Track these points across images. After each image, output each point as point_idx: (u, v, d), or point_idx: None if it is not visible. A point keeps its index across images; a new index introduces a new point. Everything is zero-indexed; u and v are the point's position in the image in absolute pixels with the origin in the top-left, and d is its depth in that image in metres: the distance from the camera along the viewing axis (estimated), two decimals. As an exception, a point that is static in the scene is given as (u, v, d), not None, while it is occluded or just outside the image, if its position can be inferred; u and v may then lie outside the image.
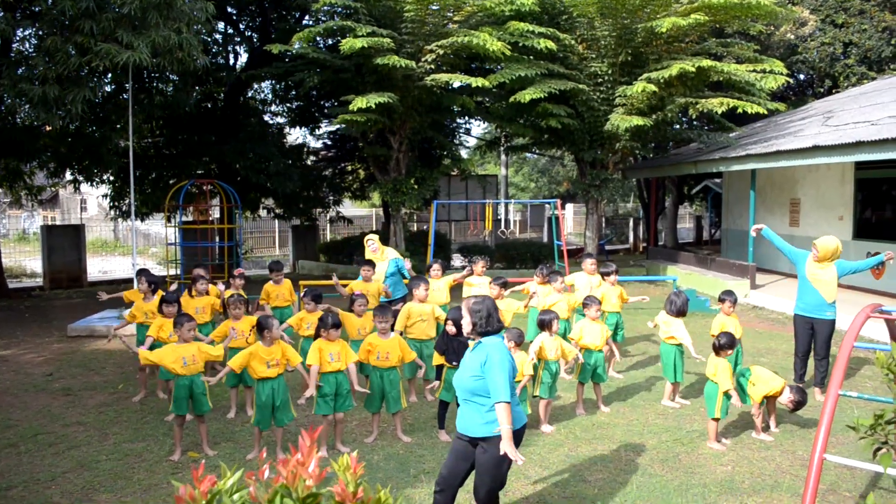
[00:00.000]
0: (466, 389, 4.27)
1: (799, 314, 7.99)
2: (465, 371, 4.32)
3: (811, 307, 7.81)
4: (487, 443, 4.20)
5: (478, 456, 4.29)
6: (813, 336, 7.88)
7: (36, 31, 12.31)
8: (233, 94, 18.98)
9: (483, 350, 4.27)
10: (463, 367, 4.37)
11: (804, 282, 7.87)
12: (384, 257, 9.37)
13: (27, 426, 7.01)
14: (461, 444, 4.35)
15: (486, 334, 4.33)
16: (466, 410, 4.30)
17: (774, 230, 16.75)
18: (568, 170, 38.63)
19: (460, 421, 4.34)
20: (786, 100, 22.96)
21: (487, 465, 4.22)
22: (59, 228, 19.66)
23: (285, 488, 1.49)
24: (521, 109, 15.98)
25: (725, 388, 6.26)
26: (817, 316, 7.79)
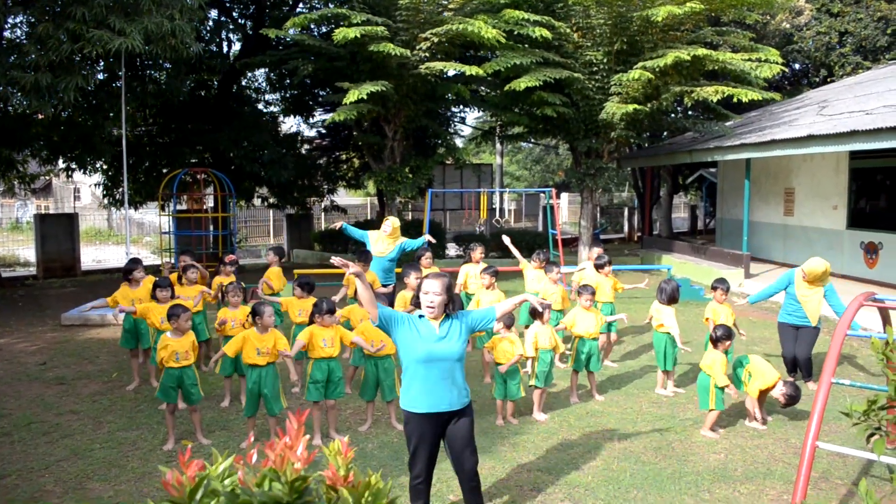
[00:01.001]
0: (456, 358, 4.31)
1: (783, 322, 8.05)
2: (452, 343, 4.32)
3: (796, 318, 7.92)
4: (465, 414, 4.37)
5: (458, 430, 4.35)
6: (797, 338, 7.93)
7: (27, 18, 12.22)
8: (226, 82, 18.88)
9: (457, 319, 4.41)
10: (446, 342, 4.32)
11: (791, 298, 7.93)
12: (393, 241, 9.29)
13: (21, 415, 6.99)
14: (433, 426, 4.32)
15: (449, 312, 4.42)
16: (447, 385, 4.28)
17: (769, 219, 16.92)
18: (562, 159, 38.61)
19: (435, 400, 4.27)
20: (781, 89, 22.95)
21: (469, 434, 4.39)
22: (52, 217, 19.57)
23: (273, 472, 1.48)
24: (515, 98, 15.94)
25: (722, 384, 6.27)
26: (802, 323, 7.85)
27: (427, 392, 4.26)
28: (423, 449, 4.32)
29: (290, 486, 1.43)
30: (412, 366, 4.30)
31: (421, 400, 4.27)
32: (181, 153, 17.65)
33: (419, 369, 4.27)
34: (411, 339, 4.30)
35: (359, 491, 1.51)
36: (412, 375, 4.31)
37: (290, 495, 1.41)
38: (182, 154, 17.65)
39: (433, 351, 4.26)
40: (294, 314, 7.76)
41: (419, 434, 4.31)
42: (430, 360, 4.26)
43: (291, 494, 1.42)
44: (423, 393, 4.27)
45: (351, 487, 1.52)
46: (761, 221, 17.25)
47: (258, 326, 6.06)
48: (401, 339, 4.34)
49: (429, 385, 4.26)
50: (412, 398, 4.30)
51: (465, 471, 4.41)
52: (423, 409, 4.27)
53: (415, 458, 4.35)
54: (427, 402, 4.26)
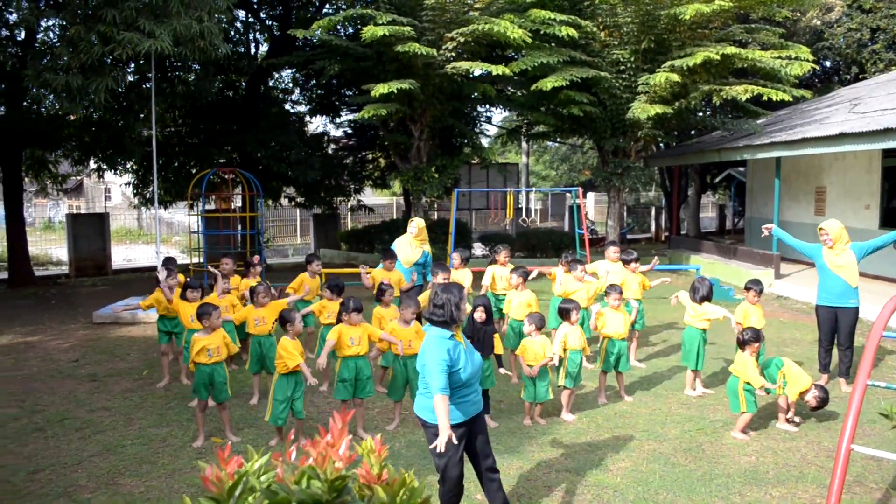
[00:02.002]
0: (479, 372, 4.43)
1: (821, 305, 7.90)
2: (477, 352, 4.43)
3: (834, 296, 7.72)
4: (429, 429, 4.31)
5: (480, 431, 4.44)
6: (837, 326, 7.79)
7: (59, 21, 12.40)
8: (254, 82, 19.04)
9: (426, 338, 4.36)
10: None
11: (824, 272, 7.79)
12: (421, 246, 9.31)
13: (54, 411, 7.10)
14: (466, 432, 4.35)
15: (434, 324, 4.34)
16: (476, 395, 4.39)
17: (799, 219, 16.68)
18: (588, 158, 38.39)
19: (472, 405, 4.35)
20: (811, 87, 22.61)
21: (485, 425, 4.50)
22: (83, 217, 19.85)
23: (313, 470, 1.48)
24: (542, 97, 15.88)
25: (758, 385, 6.20)
26: (841, 305, 7.70)
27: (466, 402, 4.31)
28: (456, 458, 4.28)
29: (329, 484, 1.43)
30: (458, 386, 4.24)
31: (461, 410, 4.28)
32: (209, 153, 17.83)
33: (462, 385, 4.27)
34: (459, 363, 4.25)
35: (394, 489, 1.51)
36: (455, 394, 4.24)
37: (330, 494, 1.42)
38: (210, 154, 17.82)
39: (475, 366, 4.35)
40: (323, 316, 7.79)
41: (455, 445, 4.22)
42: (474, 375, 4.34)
43: (331, 493, 1.42)
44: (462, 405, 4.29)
45: (385, 485, 1.52)
46: (792, 221, 17.02)
47: (289, 333, 6.09)
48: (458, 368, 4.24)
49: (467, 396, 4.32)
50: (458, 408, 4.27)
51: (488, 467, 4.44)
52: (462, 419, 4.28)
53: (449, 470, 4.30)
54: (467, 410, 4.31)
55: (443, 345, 4.22)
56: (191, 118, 18.47)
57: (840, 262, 7.64)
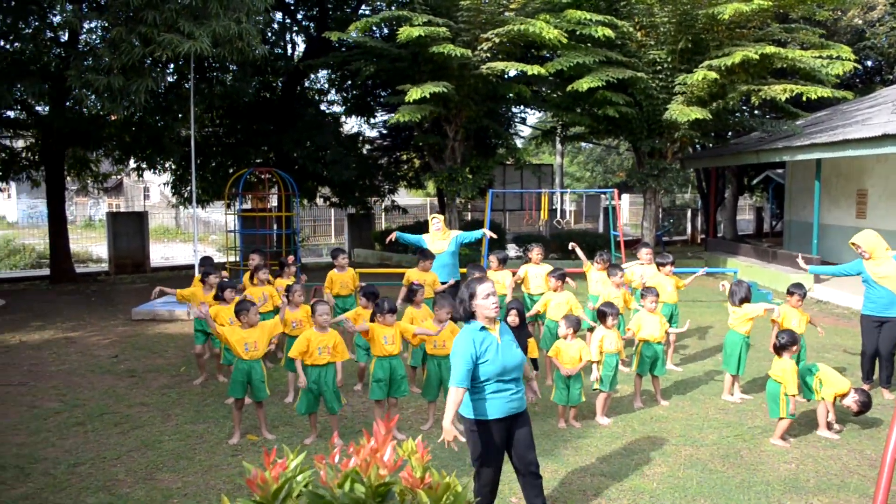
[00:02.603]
0: (519, 369, 4.40)
1: (866, 314, 7.75)
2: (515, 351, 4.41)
3: (881, 307, 7.56)
4: (525, 412, 4.42)
5: (522, 432, 4.41)
6: (880, 335, 7.62)
7: (102, 23, 12.62)
8: (290, 83, 19.20)
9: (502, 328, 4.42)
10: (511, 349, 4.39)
11: (869, 283, 7.65)
12: (446, 236, 9.36)
13: (94, 406, 7.23)
14: (503, 430, 4.36)
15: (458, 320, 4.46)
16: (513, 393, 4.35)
17: (840, 222, 16.38)
18: (623, 159, 38.08)
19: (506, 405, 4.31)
20: (852, 87, 22.15)
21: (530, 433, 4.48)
22: (123, 215, 20.22)
23: (356, 473, 1.48)
24: (577, 98, 15.77)
25: (791, 392, 6.09)
26: (887, 315, 7.54)
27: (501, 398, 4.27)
28: (493, 455, 4.29)
29: (373, 490, 1.42)
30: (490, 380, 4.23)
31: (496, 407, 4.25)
32: (246, 153, 18.02)
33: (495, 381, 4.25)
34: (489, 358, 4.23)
35: (437, 493, 1.50)
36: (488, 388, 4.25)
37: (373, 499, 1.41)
38: (247, 154, 18.01)
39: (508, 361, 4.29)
40: (359, 324, 7.79)
41: (488, 441, 4.27)
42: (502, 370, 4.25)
43: (374, 498, 1.41)
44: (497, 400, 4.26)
45: (428, 489, 1.51)
46: (832, 224, 16.69)
47: (316, 326, 6.13)
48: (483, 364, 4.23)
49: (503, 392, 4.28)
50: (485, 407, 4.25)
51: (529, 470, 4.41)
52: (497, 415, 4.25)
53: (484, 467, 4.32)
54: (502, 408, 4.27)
55: (469, 336, 4.23)
56: (228, 118, 18.68)
57: (882, 272, 7.49)
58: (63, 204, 16.68)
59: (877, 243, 7.55)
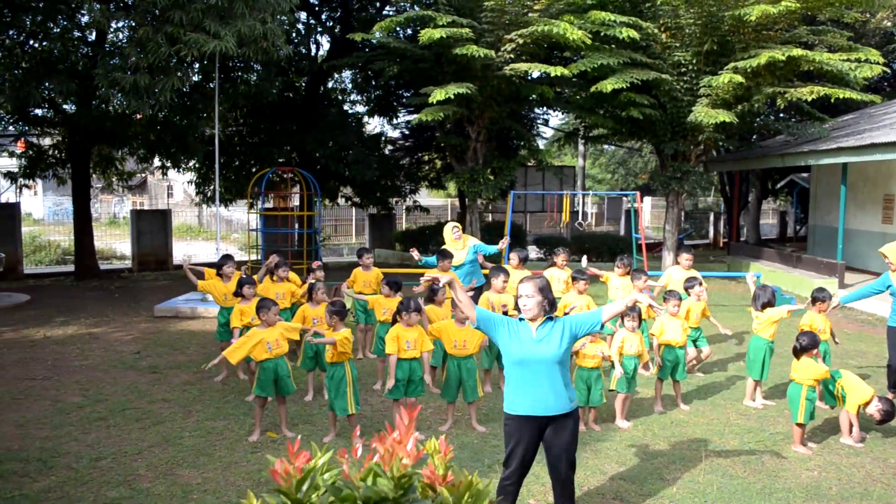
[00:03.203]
0: (553, 361, 4.26)
1: (892, 326, 7.62)
2: (549, 348, 4.27)
3: None
4: (569, 418, 4.31)
5: (558, 437, 4.29)
6: None
7: (129, 23, 12.76)
8: (314, 83, 19.29)
9: (557, 323, 4.35)
10: (542, 345, 4.28)
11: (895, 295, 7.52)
12: (465, 246, 9.34)
13: (116, 401, 7.30)
14: (532, 429, 4.29)
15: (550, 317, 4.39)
16: (544, 389, 4.24)
17: (866, 228, 16.18)
18: (646, 161, 37.85)
19: (537, 403, 4.25)
20: (880, 91, 21.81)
21: (571, 441, 4.34)
22: (147, 213, 20.43)
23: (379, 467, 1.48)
24: (601, 99, 15.69)
25: (808, 383, 6.01)
26: None
27: (524, 394, 4.27)
28: (519, 451, 4.31)
29: (395, 481, 1.43)
30: (510, 368, 4.36)
31: (519, 402, 4.29)
32: (269, 153, 18.12)
33: (516, 371, 4.31)
34: (509, 342, 4.34)
35: (459, 491, 1.50)
36: (510, 377, 4.36)
37: (396, 491, 1.41)
38: (270, 153, 18.11)
39: (528, 353, 4.27)
40: (379, 313, 7.84)
41: (517, 436, 4.31)
42: (526, 363, 4.27)
43: (397, 490, 1.42)
44: (520, 395, 4.28)
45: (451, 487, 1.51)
46: (857, 229, 16.49)
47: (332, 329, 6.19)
48: (500, 341, 4.40)
49: (525, 387, 4.27)
50: (511, 400, 4.33)
51: (559, 479, 4.38)
52: (520, 412, 4.28)
53: (510, 459, 4.35)
54: (524, 404, 4.27)
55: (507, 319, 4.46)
56: (252, 118, 18.80)
57: None
58: (88, 201, 16.87)
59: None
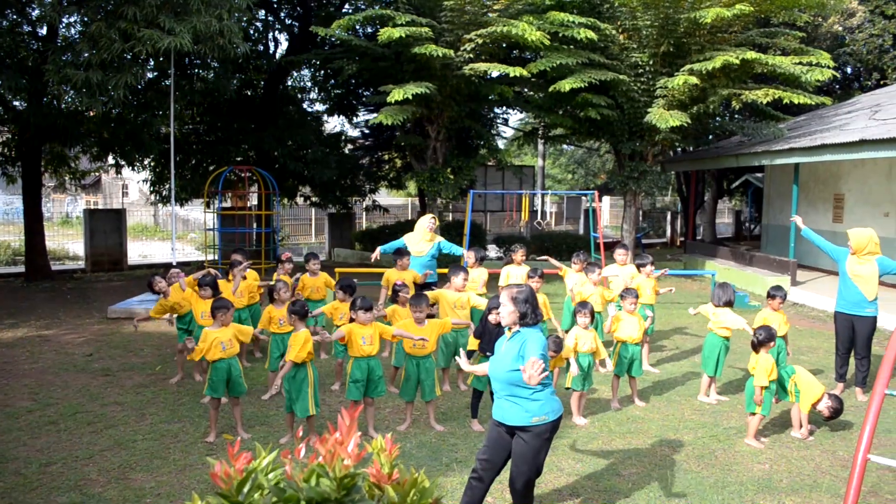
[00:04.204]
0: (504, 381, 4.25)
1: (839, 311, 7.83)
2: (501, 364, 4.29)
3: (851, 304, 7.65)
4: (526, 433, 4.19)
5: (515, 445, 4.26)
6: (854, 334, 7.70)
7: (81, 18, 12.50)
8: (272, 81, 19.11)
9: (521, 338, 4.25)
10: (498, 358, 4.35)
11: (844, 278, 7.72)
12: (432, 240, 9.33)
13: (67, 404, 7.14)
14: (497, 432, 4.34)
15: (525, 326, 4.31)
16: (503, 402, 4.29)
17: (817, 226, 16.53)
18: (604, 161, 38.25)
19: (497, 410, 4.33)
20: (832, 93, 22.41)
21: (526, 454, 4.22)
22: (101, 212, 20.01)
23: (322, 467, 1.47)
24: (559, 99, 15.82)
25: (760, 384, 6.14)
26: (857, 313, 7.61)
27: (495, 397, 4.40)
28: (486, 447, 4.38)
29: (338, 482, 1.41)
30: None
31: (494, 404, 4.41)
32: (227, 151, 17.91)
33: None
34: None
35: (404, 489, 1.49)
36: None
37: (339, 492, 1.40)
38: (227, 152, 17.91)
39: (491, 364, 4.43)
40: (336, 317, 7.77)
41: (487, 435, 4.44)
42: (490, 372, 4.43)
43: (339, 491, 1.40)
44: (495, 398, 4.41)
45: (396, 485, 1.50)
46: (810, 228, 16.84)
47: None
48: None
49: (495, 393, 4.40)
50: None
51: (514, 490, 4.39)
52: (493, 413, 4.40)
53: (479, 452, 4.44)
54: (494, 407, 4.40)
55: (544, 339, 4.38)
56: (209, 116, 18.56)
57: (859, 270, 7.56)
58: (39, 200, 16.48)
59: (866, 244, 7.58)
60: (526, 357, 4.10)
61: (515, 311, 4.27)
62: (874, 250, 7.60)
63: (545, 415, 4.19)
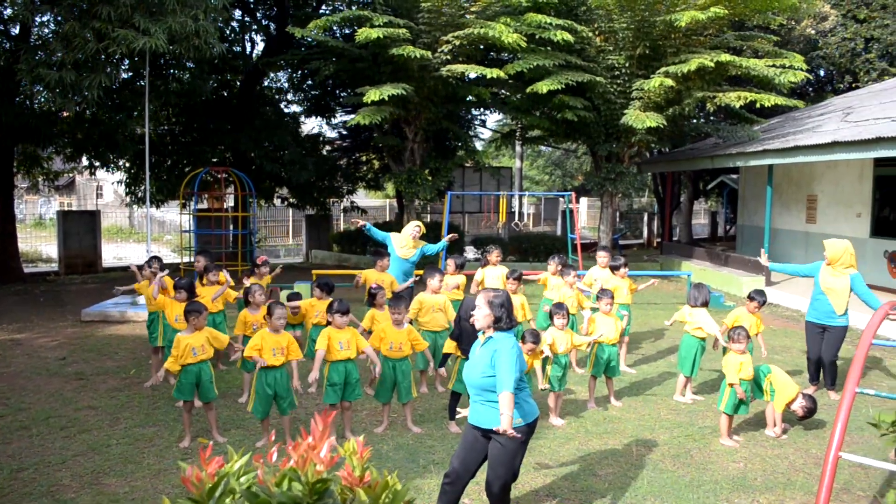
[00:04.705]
0: (477, 387, 4.26)
1: (809, 320, 7.91)
2: (475, 368, 4.29)
3: (822, 314, 7.73)
4: (502, 436, 4.16)
5: (492, 449, 4.26)
6: (823, 340, 7.78)
7: (55, 17, 12.35)
8: (249, 82, 19.00)
9: (493, 345, 4.24)
10: (473, 363, 4.34)
11: (817, 289, 7.78)
12: (416, 245, 9.30)
13: (39, 409, 7.04)
14: (473, 436, 4.33)
15: (500, 330, 4.30)
16: (479, 406, 4.29)
17: (791, 227, 16.75)
18: (582, 163, 38.44)
19: (473, 414, 4.33)
20: (805, 96, 22.69)
21: (502, 457, 4.21)
22: (75, 214, 19.77)
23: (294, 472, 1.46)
24: (537, 101, 15.89)
25: (729, 381, 6.21)
26: (828, 323, 7.68)
27: (471, 401, 4.38)
28: (460, 453, 4.36)
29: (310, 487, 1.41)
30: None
31: (470, 408, 4.39)
32: (203, 152, 17.77)
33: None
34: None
35: (376, 492, 1.49)
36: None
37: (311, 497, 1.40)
38: (203, 153, 17.77)
39: (465, 370, 4.41)
40: (312, 315, 7.75)
41: (462, 439, 4.41)
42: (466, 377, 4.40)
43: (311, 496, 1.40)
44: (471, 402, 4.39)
45: (367, 488, 1.50)
46: (783, 228, 17.07)
47: (269, 327, 6.03)
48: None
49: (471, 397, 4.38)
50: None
51: (490, 493, 4.39)
52: (469, 418, 4.38)
53: (452, 459, 4.41)
54: (470, 412, 4.39)
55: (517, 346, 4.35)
56: (184, 116, 18.41)
57: (832, 284, 7.61)
58: (11, 202, 16.26)
59: (842, 255, 7.60)
60: (498, 364, 4.12)
61: (491, 315, 4.27)
62: (850, 263, 7.62)
63: (521, 418, 4.20)
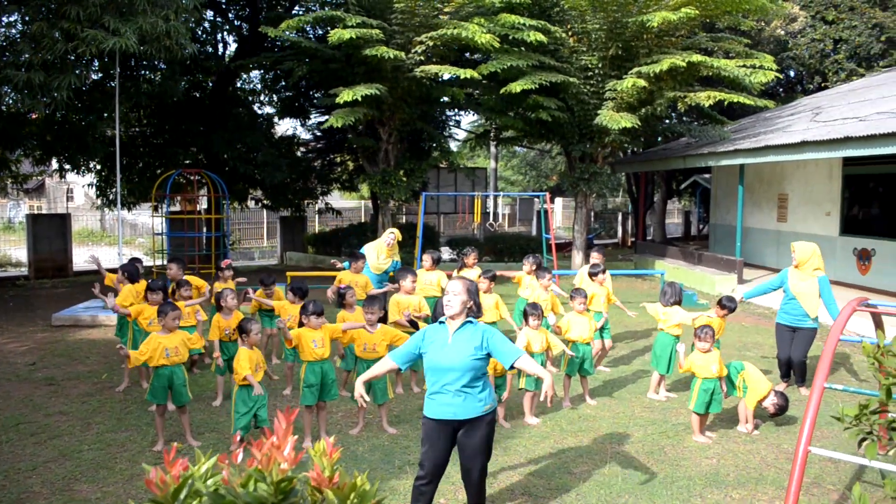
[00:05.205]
0: (464, 370, 4.20)
1: (780, 322, 7.98)
2: (457, 353, 4.22)
3: (792, 317, 7.78)
4: (478, 422, 4.25)
5: (467, 439, 4.27)
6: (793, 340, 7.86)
7: (22, 17, 12.17)
8: (221, 83, 18.85)
9: (476, 328, 4.32)
10: (453, 349, 4.25)
11: (787, 293, 7.83)
12: (390, 256, 9.29)
13: (9, 416, 6.93)
14: (438, 432, 4.28)
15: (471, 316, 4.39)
16: (453, 397, 4.23)
17: (762, 225, 16.96)
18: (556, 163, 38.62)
19: (446, 408, 4.24)
20: (775, 96, 23.01)
21: (480, 445, 4.29)
22: (44, 217, 19.49)
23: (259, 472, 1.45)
24: (511, 101, 15.94)
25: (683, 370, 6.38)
26: (799, 325, 7.76)
27: (436, 398, 4.29)
28: (430, 453, 4.30)
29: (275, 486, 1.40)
30: (426, 372, 4.37)
31: (431, 406, 4.31)
32: (175, 154, 17.60)
33: (429, 376, 4.33)
34: (426, 348, 4.37)
35: (344, 492, 1.48)
36: (427, 381, 4.38)
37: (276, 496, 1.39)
38: (176, 155, 17.60)
39: (440, 359, 4.26)
40: (284, 318, 7.69)
41: (430, 440, 4.31)
42: (438, 368, 4.27)
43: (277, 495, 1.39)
44: (433, 399, 4.31)
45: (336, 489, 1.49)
46: (755, 227, 17.28)
47: (245, 343, 5.95)
48: (422, 352, 4.41)
49: (437, 391, 4.28)
50: (427, 403, 4.35)
51: (471, 483, 4.39)
52: (432, 415, 4.29)
53: (423, 461, 4.34)
54: (435, 408, 4.29)
55: (429, 327, 4.44)
56: (156, 118, 18.24)
57: (801, 287, 7.67)
58: (-21, 205, 16.01)
59: (810, 258, 7.65)
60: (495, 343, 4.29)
61: (469, 301, 4.34)
62: (818, 265, 7.68)
63: (492, 402, 4.35)
